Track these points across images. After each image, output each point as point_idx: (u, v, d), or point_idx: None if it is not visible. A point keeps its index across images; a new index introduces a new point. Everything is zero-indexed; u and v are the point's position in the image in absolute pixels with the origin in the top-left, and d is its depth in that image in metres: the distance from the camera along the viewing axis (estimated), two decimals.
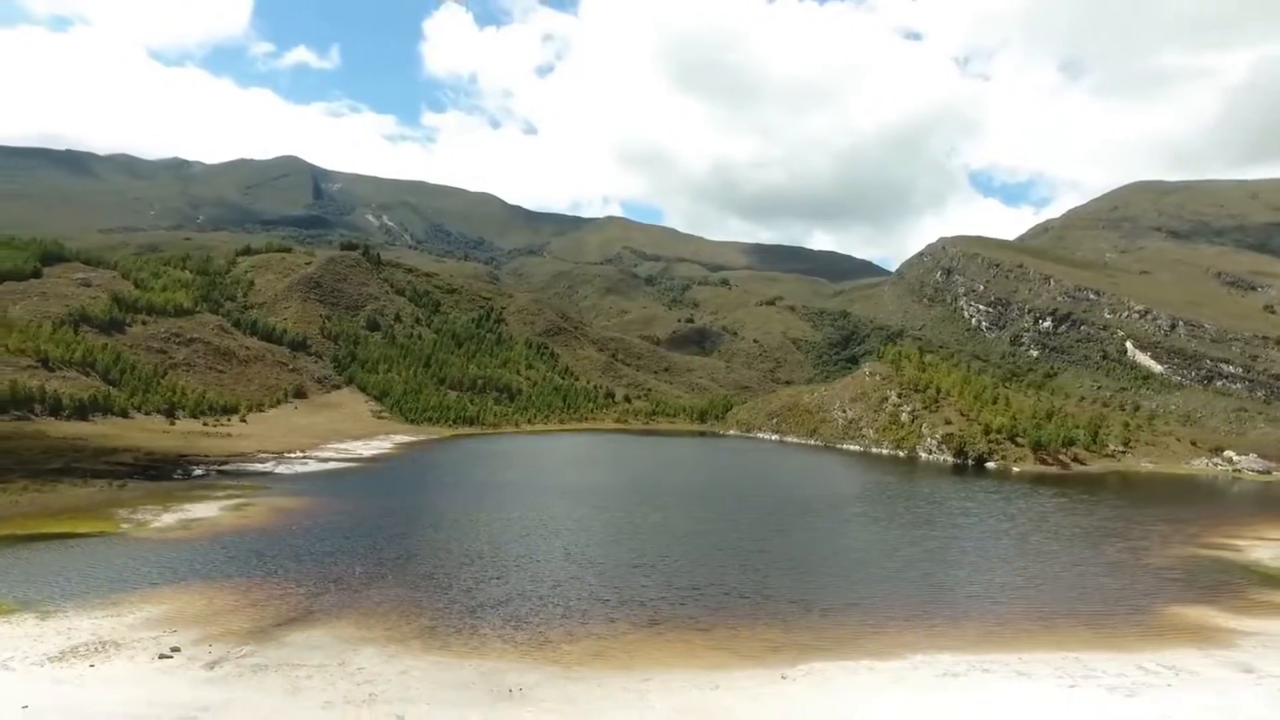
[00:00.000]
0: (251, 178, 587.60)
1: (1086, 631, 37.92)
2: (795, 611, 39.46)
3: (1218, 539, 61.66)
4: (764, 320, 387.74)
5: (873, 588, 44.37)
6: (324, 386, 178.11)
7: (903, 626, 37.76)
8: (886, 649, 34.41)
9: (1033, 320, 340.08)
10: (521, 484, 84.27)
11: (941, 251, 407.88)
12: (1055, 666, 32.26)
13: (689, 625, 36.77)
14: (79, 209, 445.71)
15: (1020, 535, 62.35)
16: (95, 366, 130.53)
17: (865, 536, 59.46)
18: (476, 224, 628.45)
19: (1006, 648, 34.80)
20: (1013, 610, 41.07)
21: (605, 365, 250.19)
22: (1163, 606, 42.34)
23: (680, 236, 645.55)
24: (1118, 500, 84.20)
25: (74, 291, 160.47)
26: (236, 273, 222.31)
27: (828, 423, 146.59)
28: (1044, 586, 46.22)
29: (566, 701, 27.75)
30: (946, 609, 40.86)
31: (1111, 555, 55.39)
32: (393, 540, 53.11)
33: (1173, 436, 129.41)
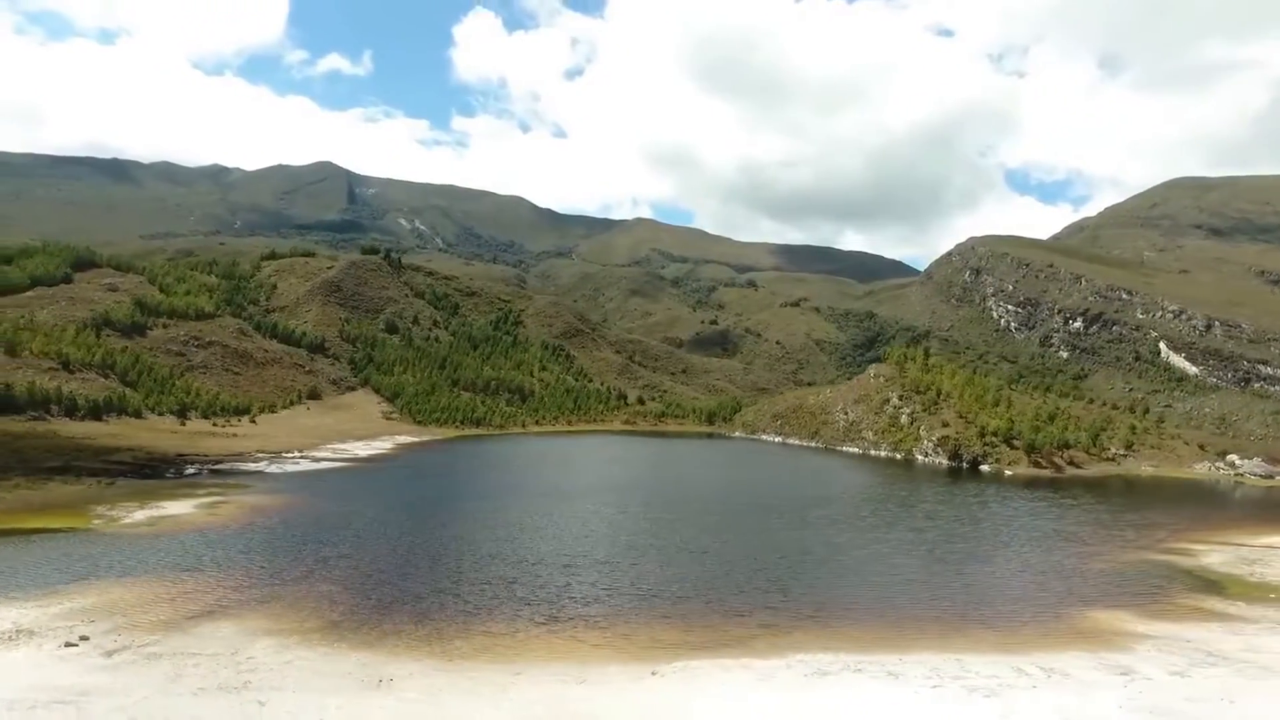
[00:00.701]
0: (288, 184, 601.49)
1: (988, 634, 38.10)
2: (701, 611, 40.24)
3: (1179, 544, 60.75)
4: (788, 321, 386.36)
5: (791, 589, 44.88)
6: (339, 388, 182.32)
7: (803, 627, 38.32)
8: (774, 648, 35.07)
9: (1063, 321, 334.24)
10: (494, 484, 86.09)
11: (970, 251, 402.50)
12: (931, 668, 32.65)
13: (586, 623, 37.78)
14: (122, 216, 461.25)
15: (976, 539, 62.10)
16: (114, 369, 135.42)
17: (812, 539, 59.77)
18: (507, 227, 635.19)
19: (893, 649, 35.22)
20: (925, 613, 41.32)
21: (621, 367, 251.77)
22: (1080, 610, 42.21)
23: (708, 238, 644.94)
24: (1099, 504, 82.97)
25: (100, 296, 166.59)
26: (260, 277, 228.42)
27: (829, 425, 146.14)
28: (972, 590, 46.28)
29: (429, 692, 29.02)
30: (856, 611, 41.29)
31: (1059, 559, 55.03)
32: (344, 538, 54.98)
33: (1180, 440, 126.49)
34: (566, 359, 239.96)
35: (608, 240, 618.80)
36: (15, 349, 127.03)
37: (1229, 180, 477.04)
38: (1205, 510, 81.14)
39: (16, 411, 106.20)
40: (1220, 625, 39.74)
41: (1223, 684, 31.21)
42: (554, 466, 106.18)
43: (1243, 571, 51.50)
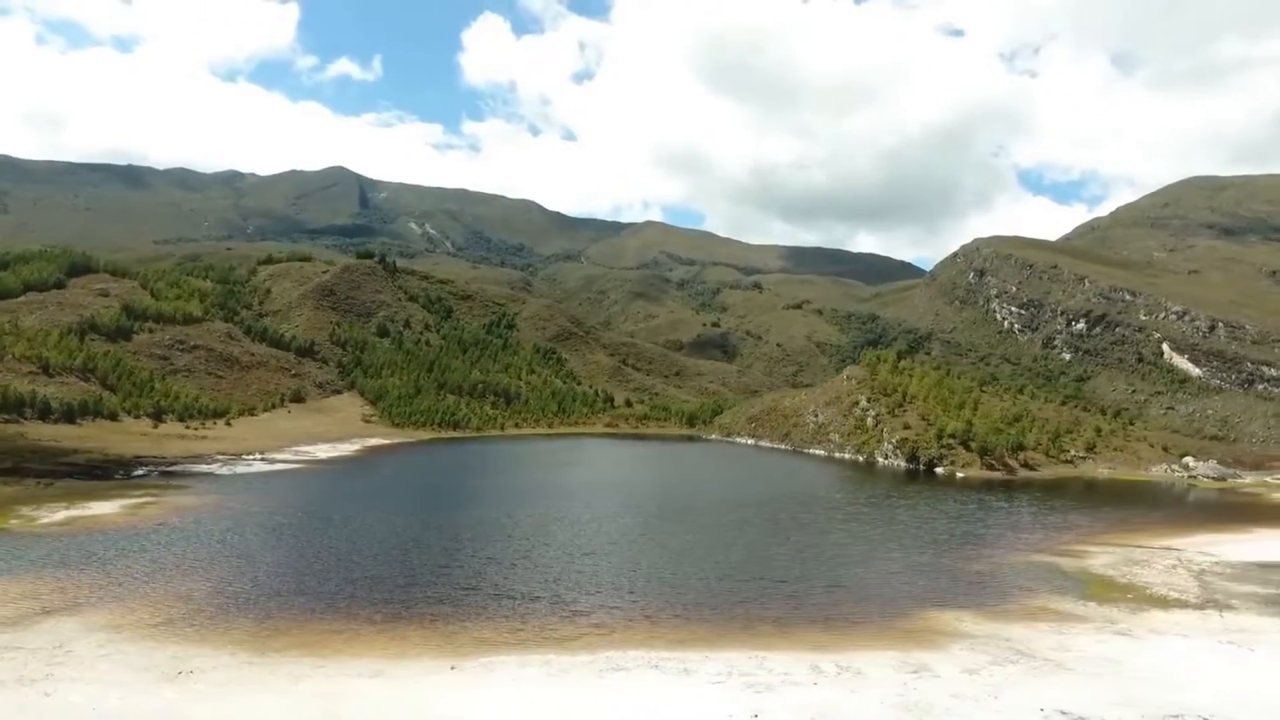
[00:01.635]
0: (301, 189, 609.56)
1: (815, 633, 38.81)
2: (541, 611, 41.31)
3: (1079, 545, 60.88)
4: (789, 324, 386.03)
5: (645, 590, 45.86)
6: (324, 391, 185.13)
7: (634, 626, 39.29)
8: (589, 647, 36.07)
9: (1065, 322, 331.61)
10: (428, 488, 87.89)
11: (975, 252, 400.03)
12: (728, 665, 33.54)
13: (422, 621, 39.00)
14: (137, 221, 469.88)
15: (877, 540, 62.62)
16: (95, 372, 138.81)
17: (710, 542, 60.66)
18: (517, 230, 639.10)
19: (708, 647, 36.09)
20: (767, 612, 42.11)
21: (613, 370, 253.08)
22: (925, 611, 42.79)
23: (718, 240, 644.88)
24: (1032, 506, 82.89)
25: (90, 301, 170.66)
26: (255, 281, 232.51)
27: (800, 427, 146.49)
28: (833, 590, 46.89)
29: (220, 684, 30.43)
30: (696, 610, 42.16)
31: (944, 561, 55.49)
32: (246, 538, 56.69)
33: (1145, 442, 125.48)
34: (558, 362, 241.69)
35: (616, 243, 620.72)
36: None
37: (1243, 179, 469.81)
38: (1137, 512, 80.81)
39: None
40: (1050, 625, 40.21)
41: (1004, 680, 31.86)
42: (504, 470, 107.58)
43: (1118, 573, 51.71)
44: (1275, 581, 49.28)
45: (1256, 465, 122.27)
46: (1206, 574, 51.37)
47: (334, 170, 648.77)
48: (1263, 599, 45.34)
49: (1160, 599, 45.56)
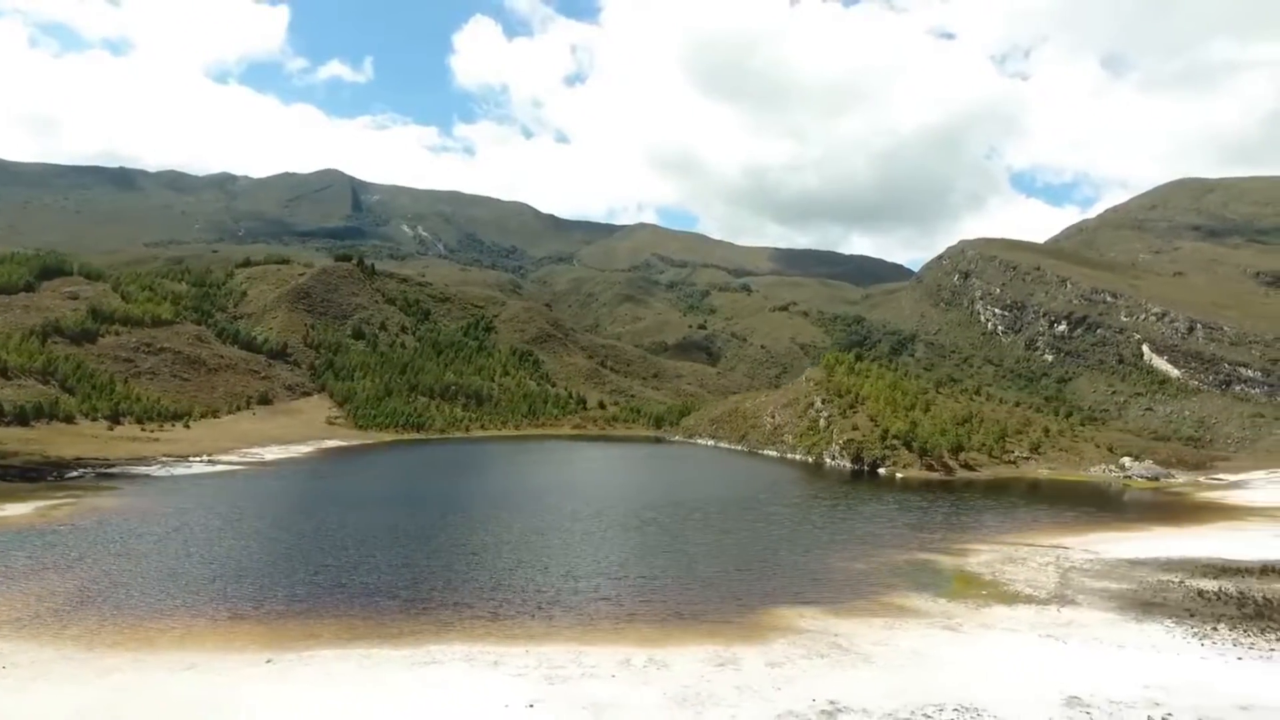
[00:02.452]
0: (293, 191, 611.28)
1: (654, 628, 39.45)
2: (397, 607, 42.19)
3: (969, 544, 61.59)
4: (775, 326, 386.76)
5: (512, 587, 46.67)
6: (294, 393, 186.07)
7: (477, 622, 40.11)
8: (419, 640, 36.82)
9: (1048, 324, 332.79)
10: (356, 489, 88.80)
11: (960, 254, 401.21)
12: (541, 658, 34.20)
13: (262, 619, 39.86)
14: (128, 224, 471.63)
15: (777, 540, 63.31)
16: (55, 375, 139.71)
17: (606, 540, 61.54)
18: (510, 233, 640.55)
19: (533, 641, 36.82)
20: (618, 608, 42.81)
21: (590, 372, 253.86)
22: (774, 606, 43.49)
23: (710, 242, 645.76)
24: (951, 507, 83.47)
25: (58, 304, 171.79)
26: (232, 284, 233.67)
27: (757, 428, 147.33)
28: (696, 588, 47.60)
29: (31, 678, 31.31)
30: (549, 606, 43.02)
31: (829, 559, 56.25)
32: (134, 539, 57.38)
33: (1091, 443, 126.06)
34: (534, 364, 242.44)
35: (609, 246, 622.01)
36: None
37: (1230, 182, 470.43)
38: (1055, 511, 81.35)
39: None
40: (886, 620, 40.98)
41: (799, 673, 32.61)
42: (445, 473, 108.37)
43: (989, 571, 52.46)
44: (1135, 578, 49.99)
45: (1198, 465, 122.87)
46: (1074, 571, 52.12)
47: (327, 173, 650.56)
48: (1111, 594, 46.07)
49: (1012, 595, 46.33)
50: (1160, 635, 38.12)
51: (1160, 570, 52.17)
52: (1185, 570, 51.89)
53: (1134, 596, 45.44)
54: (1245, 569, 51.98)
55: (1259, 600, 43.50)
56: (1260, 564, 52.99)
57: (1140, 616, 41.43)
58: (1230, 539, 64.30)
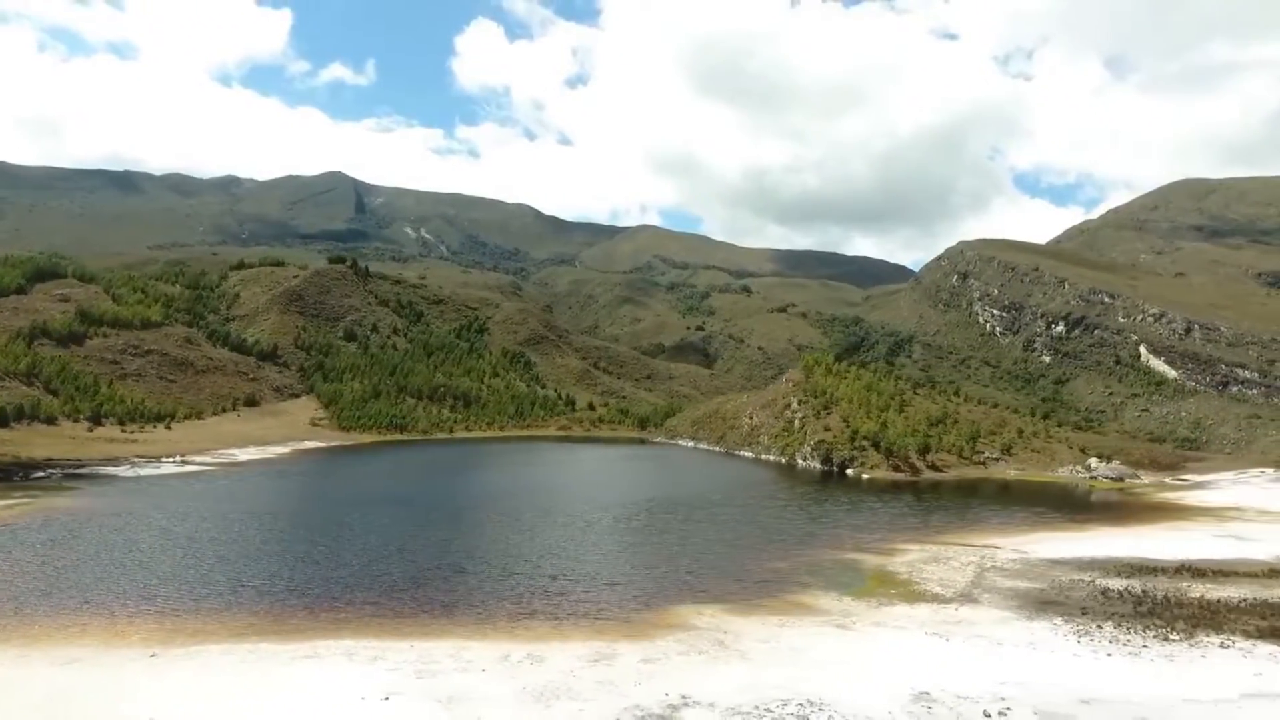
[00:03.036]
0: (297, 194, 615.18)
1: (551, 624, 40.27)
2: (302, 604, 43.02)
3: (902, 544, 61.90)
4: (772, 327, 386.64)
5: (429, 584, 47.42)
6: (282, 395, 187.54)
7: (377, 618, 40.89)
8: (309, 635, 37.58)
9: (1045, 325, 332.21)
10: (312, 488, 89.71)
11: (959, 255, 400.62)
12: (422, 654, 34.69)
13: (164, 615, 40.71)
14: (132, 226, 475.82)
15: (712, 540, 63.91)
16: (39, 376, 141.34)
17: (540, 540, 62.28)
18: (513, 235, 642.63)
19: (424, 637, 37.48)
20: (526, 606, 43.26)
21: (582, 373, 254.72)
22: (678, 605, 43.96)
23: (712, 244, 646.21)
24: (905, 507, 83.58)
25: (47, 307, 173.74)
26: (226, 287, 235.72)
27: (735, 429, 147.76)
28: (608, 587, 48.13)
29: None
30: (455, 605, 43.73)
31: (758, 559, 56.59)
32: (65, 538, 58.04)
33: (1065, 444, 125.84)
34: (526, 365, 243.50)
35: (611, 247, 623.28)
36: None
37: (1233, 182, 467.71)
38: (1005, 511, 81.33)
39: None
40: (782, 618, 41.43)
41: (670, 668, 33.12)
42: (411, 473, 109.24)
43: (908, 571, 52.83)
44: (1049, 577, 50.29)
45: (1170, 466, 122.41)
46: (992, 570, 52.45)
47: (331, 175, 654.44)
48: (1017, 593, 46.39)
49: (919, 594, 46.73)
50: (1044, 633, 38.50)
51: (1078, 570, 52.43)
52: (1102, 569, 52.14)
53: (1038, 595, 45.78)
54: (1162, 568, 52.19)
55: (1157, 599, 43.79)
56: (1179, 563, 53.18)
57: (1034, 615, 41.79)
58: (1165, 539, 64.39)
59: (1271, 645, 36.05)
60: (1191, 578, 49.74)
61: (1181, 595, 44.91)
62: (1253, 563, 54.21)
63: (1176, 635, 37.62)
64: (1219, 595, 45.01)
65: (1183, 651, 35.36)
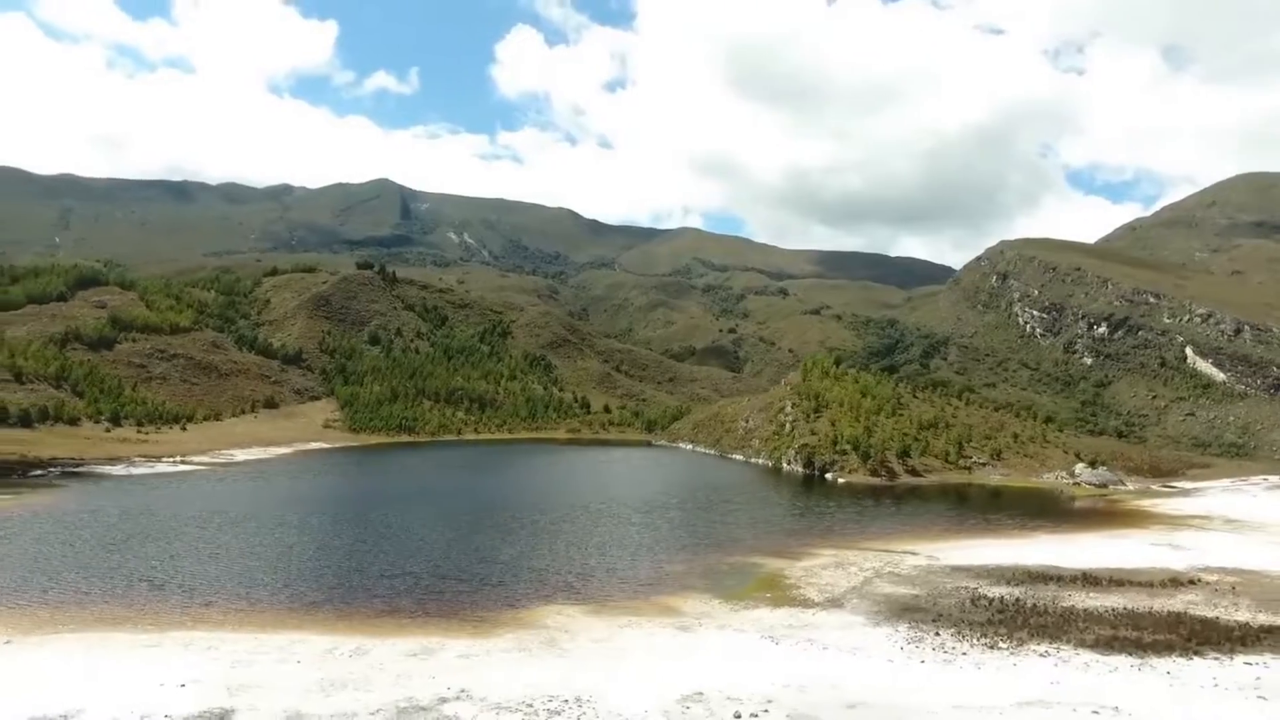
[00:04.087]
0: (345, 201, 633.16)
1: (405, 619, 41.84)
2: (196, 599, 45.39)
3: (818, 548, 61.53)
4: (804, 330, 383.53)
5: (325, 580, 49.67)
6: (302, 397, 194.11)
7: (254, 612, 43.09)
8: (162, 627, 39.97)
9: (1087, 326, 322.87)
10: (285, 488, 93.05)
11: (998, 255, 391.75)
12: (256, 644, 36.60)
13: (58, 606, 43.70)
14: (189, 235, 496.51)
15: (632, 541, 64.69)
16: (68, 379, 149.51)
17: (464, 538, 64.07)
18: (554, 239, 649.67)
19: (278, 630, 39.64)
20: (397, 602, 45.22)
21: (602, 376, 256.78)
22: (542, 604, 45.00)
23: (753, 246, 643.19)
24: (853, 510, 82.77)
25: (84, 313, 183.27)
26: (258, 292, 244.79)
27: (731, 432, 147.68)
28: (487, 586, 49.39)
29: None
30: (332, 601, 45.62)
31: (655, 560, 57.40)
32: (46, 533, 61.95)
33: (1061, 448, 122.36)
34: (545, 368, 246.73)
35: (650, 250, 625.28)
36: None
37: None
38: (957, 518, 79.86)
39: None
40: (633, 620, 42.00)
41: (476, 664, 34.28)
42: (392, 473, 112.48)
43: (802, 575, 52.85)
44: (934, 583, 49.80)
45: (1170, 472, 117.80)
46: (883, 576, 52.17)
47: (378, 183, 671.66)
48: (888, 599, 46.14)
49: (792, 598, 46.93)
50: (877, 639, 38.49)
51: (973, 577, 51.82)
52: (997, 577, 51.44)
53: (907, 603, 45.53)
54: (1060, 576, 51.22)
55: (1024, 607, 43.22)
56: (1082, 571, 52.10)
57: (883, 621, 41.73)
58: (1096, 546, 62.75)
59: (1094, 655, 35.52)
60: (1082, 586, 48.79)
61: (1052, 604, 44.22)
62: (1162, 571, 52.71)
63: (1005, 644, 37.27)
64: (1092, 604, 44.20)
65: (996, 660, 35.11)
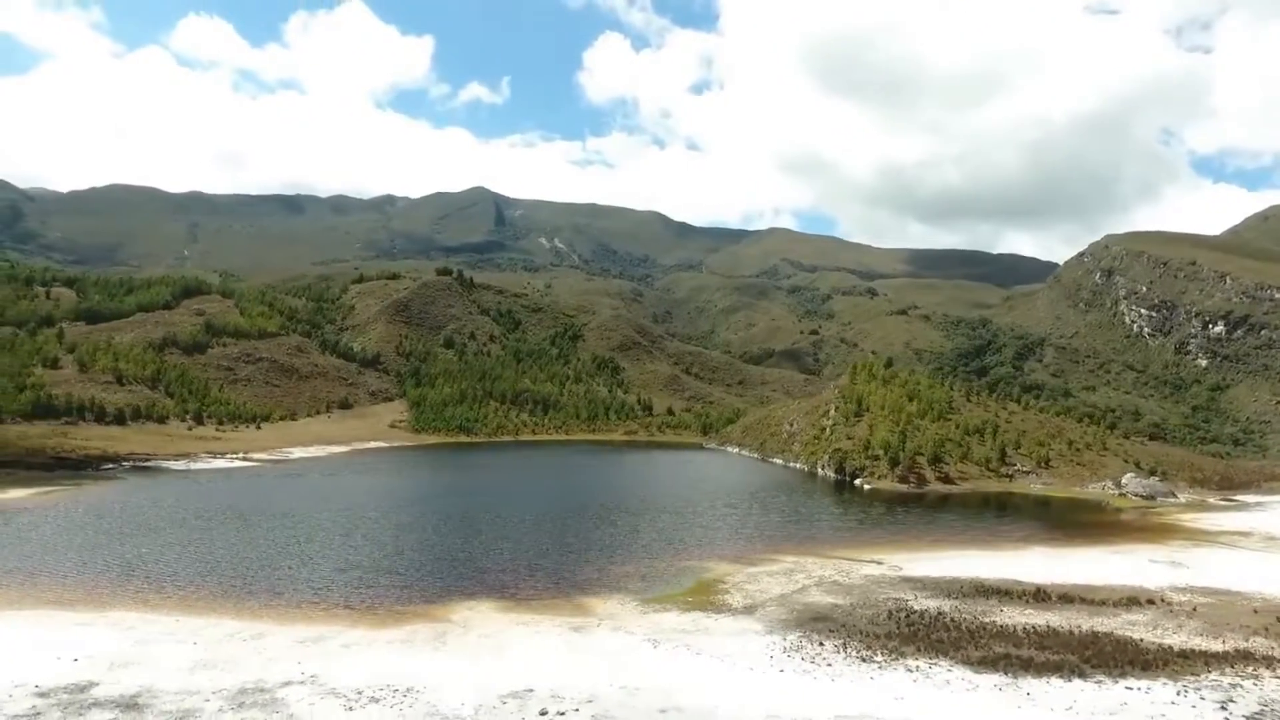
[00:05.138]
0: (443, 209, 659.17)
1: (320, 610, 44.57)
2: (149, 585, 49.91)
3: (777, 555, 59.88)
4: (890, 331, 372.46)
5: (262, 575, 52.87)
6: (376, 399, 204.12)
7: (181, 599, 46.77)
8: (102, 607, 44.05)
9: (1201, 325, 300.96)
10: (307, 487, 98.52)
11: (1103, 250, 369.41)
12: (194, 630, 40.25)
13: (27, 584, 48.78)
14: (299, 245, 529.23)
15: (598, 541, 65.64)
16: (161, 381, 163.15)
17: (428, 538, 66.63)
18: (643, 242, 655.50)
19: (185, 614, 43.09)
20: (324, 597, 47.44)
21: (669, 379, 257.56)
22: (462, 600, 46.65)
23: (844, 245, 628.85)
24: (854, 520, 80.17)
25: (184, 320, 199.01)
26: (345, 299, 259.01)
27: (775, 436, 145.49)
28: (420, 583, 51.32)
29: None
30: (261, 592, 48.62)
31: (605, 560, 57.78)
32: (61, 523, 68.62)
33: (1120, 457, 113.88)
34: (613, 371, 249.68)
35: (737, 251, 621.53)
36: (86, 365, 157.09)
37: None
38: (954, 528, 75.64)
39: (54, 416, 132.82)
40: (534, 618, 42.90)
41: (352, 652, 36.38)
42: (424, 474, 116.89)
43: (740, 581, 52.09)
44: (869, 593, 48.17)
45: (1243, 484, 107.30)
46: (819, 586, 50.82)
47: (474, 191, 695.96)
48: (808, 609, 44.99)
49: (711, 604, 46.59)
50: (757, 648, 37.92)
51: (915, 589, 49.92)
52: (940, 590, 49.37)
53: (822, 612, 44.46)
54: (1010, 591, 48.64)
55: (940, 622, 41.53)
56: (1038, 587, 49.33)
57: (780, 630, 41.03)
58: (1084, 561, 58.68)
59: (965, 672, 34.02)
60: (1025, 603, 46.24)
61: (973, 619, 42.28)
62: (1129, 589, 49.03)
63: (882, 658, 36.14)
64: (1016, 621, 41.99)
65: (858, 673, 34.18)
